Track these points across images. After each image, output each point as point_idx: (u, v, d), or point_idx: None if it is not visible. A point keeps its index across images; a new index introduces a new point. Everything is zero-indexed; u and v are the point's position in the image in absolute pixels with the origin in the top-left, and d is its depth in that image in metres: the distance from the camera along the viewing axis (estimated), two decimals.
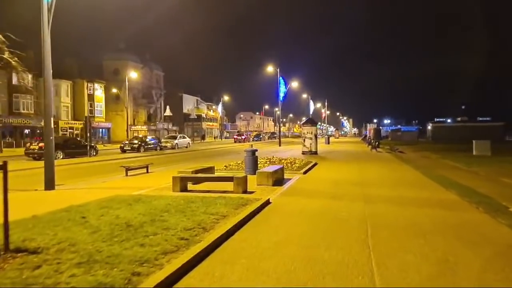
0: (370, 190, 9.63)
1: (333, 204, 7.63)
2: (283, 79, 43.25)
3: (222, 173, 13.18)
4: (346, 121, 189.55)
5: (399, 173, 14.17)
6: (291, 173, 13.17)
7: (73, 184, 11.19)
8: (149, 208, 6.38)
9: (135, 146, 27.58)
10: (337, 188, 10.02)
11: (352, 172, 14.05)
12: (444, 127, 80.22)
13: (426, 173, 14.20)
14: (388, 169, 15.65)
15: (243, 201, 7.28)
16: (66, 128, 42.43)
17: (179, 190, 9.12)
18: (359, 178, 12.15)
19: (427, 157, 30.16)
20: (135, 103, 60.35)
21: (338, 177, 12.40)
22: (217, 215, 5.94)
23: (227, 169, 14.14)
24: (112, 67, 56.76)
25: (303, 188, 9.90)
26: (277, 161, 16.23)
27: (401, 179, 12.25)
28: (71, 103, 45.68)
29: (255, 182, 10.28)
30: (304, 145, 24.94)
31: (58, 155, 20.21)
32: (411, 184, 10.93)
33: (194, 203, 6.90)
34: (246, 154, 12.93)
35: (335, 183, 10.91)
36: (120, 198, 7.50)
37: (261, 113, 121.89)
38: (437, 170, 16.56)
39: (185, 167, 15.44)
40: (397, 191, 9.51)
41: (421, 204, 7.68)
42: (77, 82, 46.36)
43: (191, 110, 73.77)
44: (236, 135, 62.34)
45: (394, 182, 11.47)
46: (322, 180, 11.61)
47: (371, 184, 10.88)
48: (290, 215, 6.65)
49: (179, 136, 36.07)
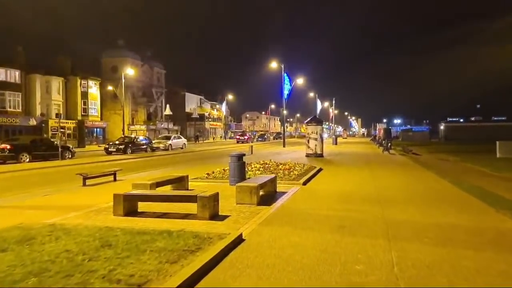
0: (393, 213, 6.86)
1: (342, 244, 4.89)
2: (288, 76, 40.65)
3: (199, 184, 10.50)
4: (355, 121, 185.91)
5: (423, 182, 11.35)
6: (288, 184, 10.43)
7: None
8: (20, 262, 3.71)
9: (120, 148, 24.86)
10: (346, 209, 7.26)
11: (364, 182, 11.25)
12: (457, 127, 76.58)
13: (455, 182, 11.38)
14: (407, 176, 12.82)
15: (195, 242, 4.56)
16: (56, 128, 39.93)
17: (123, 213, 6.46)
18: (374, 191, 9.36)
19: (446, 159, 27.23)
20: (134, 101, 57.97)
21: (347, 190, 9.62)
22: (125, 284, 3.23)
23: (208, 178, 11.45)
24: (110, 64, 54.39)
25: (299, 210, 7.15)
26: (273, 166, 13.50)
27: (429, 192, 9.44)
28: (63, 101, 43.22)
29: (235, 198, 7.60)
30: (308, 147, 22.15)
31: (23, 158, 17.76)
32: (445, 201, 8.12)
33: (111, 247, 4.22)
34: (231, 159, 10.23)
35: (343, 200, 8.15)
36: (6, 235, 4.84)
37: (267, 112, 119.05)
38: (464, 177, 13.75)
39: (161, 174, 12.82)
40: (431, 215, 6.73)
41: (477, 244, 4.91)
42: (70, 79, 43.88)
43: (194, 109, 71.18)
44: (239, 135, 59.61)
45: (422, 197, 8.65)
46: (326, 195, 8.83)
47: (392, 200, 8.10)
48: (268, 272, 3.92)
49: (173, 136, 33.35)
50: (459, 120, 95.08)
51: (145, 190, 7.72)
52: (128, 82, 52.90)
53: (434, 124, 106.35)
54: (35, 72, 39.77)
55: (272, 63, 39.72)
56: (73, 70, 44.74)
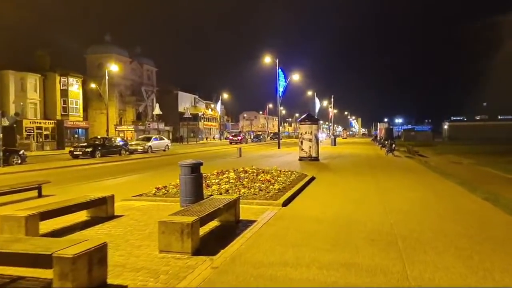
0: (425, 272, 3.86)
1: None
2: (283, 72, 37.69)
3: (139, 205, 7.50)
4: (355, 121, 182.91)
5: (448, 200, 8.33)
6: (262, 205, 7.42)
7: None
8: None
9: (87, 151, 21.72)
10: (343, 264, 4.24)
11: (369, 200, 8.22)
12: (462, 127, 73.47)
13: (492, 198, 8.38)
14: (425, 189, 9.78)
15: None
16: (32, 128, 36.80)
17: None
18: (386, 219, 6.34)
19: (458, 162, 24.28)
20: (122, 100, 54.94)
21: (344, 217, 6.60)
22: None
23: (157, 195, 8.41)
24: (96, 61, 51.32)
25: (260, 270, 4.14)
26: (252, 175, 10.49)
27: (466, 219, 6.41)
28: (40, 99, 40.02)
29: (158, 241, 4.58)
30: (302, 149, 19.12)
31: None
32: (496, 242, 5.12)
33: None
34: (181, 170, 7.23)
35: (338, 241, 5.12)
36: None
37: (265, 112, 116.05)
38: (495, 188, 10.80)
39: (107, 183, 9.83)
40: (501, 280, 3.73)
41: None
42: (49, 76, 40.67)
43: (187, 108, 67.99)
44: (232, 136, 56.53)
45: (460, 231, 5.61)
46: (311, 229, 5.80)
47: (416, 241, 5.08)
48: None
49: (154, 137, 30.21)
50: (463, 119, 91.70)
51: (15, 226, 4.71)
52: (115, 80, 49.85)
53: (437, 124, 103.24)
54: (8, 68, 36.71)
55: (266, 58, 36.69)
56: (52, 67, 41.57)
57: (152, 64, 63.43)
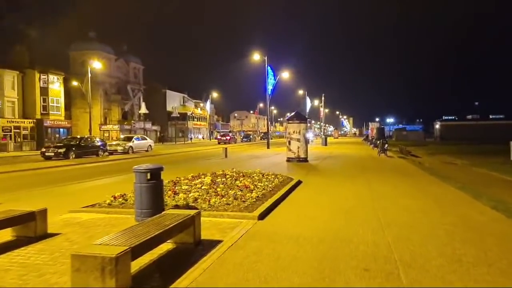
0: None
1: None
2: (272, 69, 36.59)
3: (88, 218, 6.21)
4: (346, 121, 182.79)
5: (450, 209, 7.19)
6: (234, 218, 6.20)
7: None
8: None
9: (60, 152, 20.26)
10: None
11: (362, 211, 7.04)
12: (454, 126, 73.01)
13: (501, 208, 7.27)
14: (423, 196, 8.64)
15: None
16: (9, 128, 35.05)
17: None
18: (382, 238, 5.15)
19: (452, 163, 23.30)
20: (107, 99, 53.29)
21: (332, 233, 5.41)
22: None
23: (112, 205, 7.13)
24: (80, 58, 49.59)
25: None
26: (230, 180, 9.27)
27: (477, 238, 5.28)
28: (18, 97, 38.22)
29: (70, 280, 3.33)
30: (290, 149, 17.95)
31: None
32: None
33: None
34: (136, 177, 5.98)
35: (323, 269, 3.91)
36: None
37: (255, 112, 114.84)
38: (495, 192, 9.76)
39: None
40: None
41: None
42: (28, 73, 38.90)
43: (175, 108, 66.42)
44: (220, 136, 55.23)
45: (473, 254, 4.47)
46: (290, 254, 4.59)
47: (420, 267, 3.92)
48: None
49: (136, 137, 28.74)
50: (454, 118, 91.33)
51: None
52: (99, 78, 48.20)
53: (428, 123, 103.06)
54: None
55: (255, 55, 35.47)
56: (32, 63, 39.79)
57: (139, 62, 61.82)
